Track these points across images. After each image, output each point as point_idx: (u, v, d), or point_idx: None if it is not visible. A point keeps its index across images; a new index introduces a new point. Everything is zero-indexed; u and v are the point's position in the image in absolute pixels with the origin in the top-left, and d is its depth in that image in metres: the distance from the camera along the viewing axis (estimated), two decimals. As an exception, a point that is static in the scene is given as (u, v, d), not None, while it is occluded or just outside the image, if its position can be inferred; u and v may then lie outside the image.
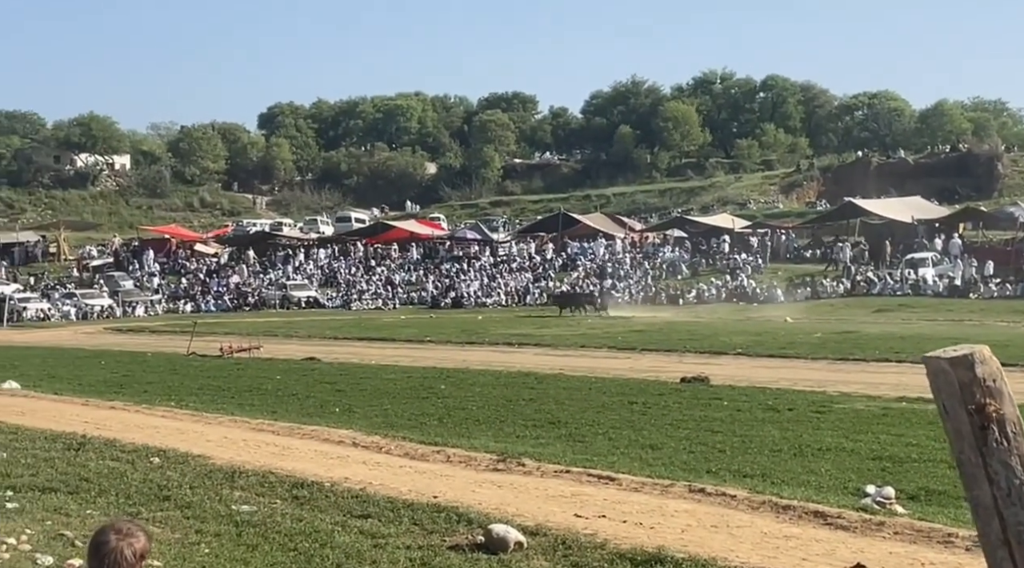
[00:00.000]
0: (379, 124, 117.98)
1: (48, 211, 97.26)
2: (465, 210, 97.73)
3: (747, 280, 58.11)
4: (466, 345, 32.91)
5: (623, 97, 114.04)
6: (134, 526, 4.32)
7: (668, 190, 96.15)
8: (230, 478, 11.46)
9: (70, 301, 60.81)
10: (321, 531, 9.13)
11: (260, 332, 37.14)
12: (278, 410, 17.54)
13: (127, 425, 15.75)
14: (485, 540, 8.56)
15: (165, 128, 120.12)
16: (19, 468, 12.28)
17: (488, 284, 64.42)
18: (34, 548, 8.78)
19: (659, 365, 24.73)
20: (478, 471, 11.84)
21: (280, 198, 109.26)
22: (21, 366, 27.29)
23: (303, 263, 72.34)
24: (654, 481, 10.83)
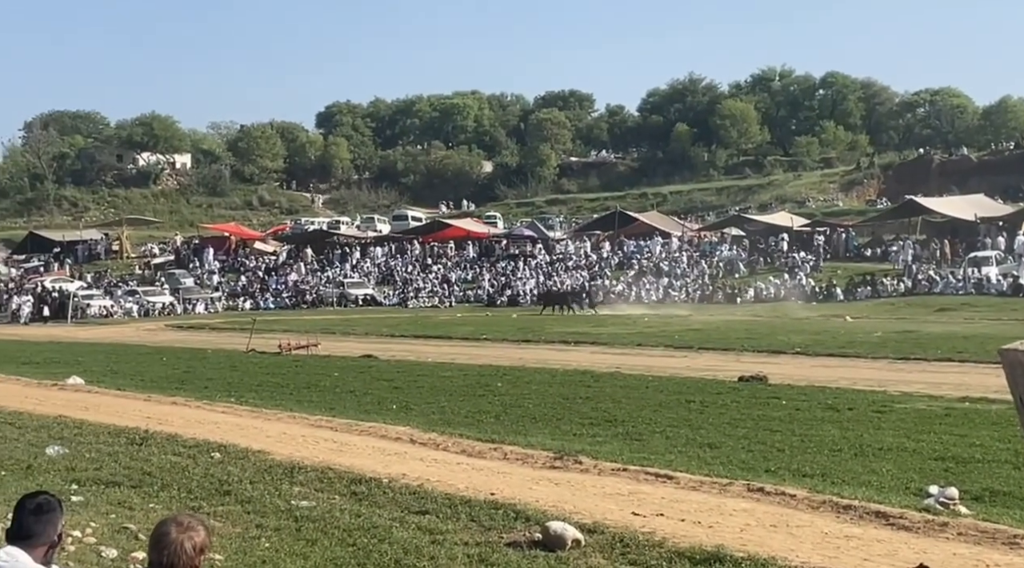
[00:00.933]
0: (436, 123, 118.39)
1: (111, 209, 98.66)
2: (521, 208, 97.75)
3: (806, 279, 57.56)
4: (522, 343, 32.89)
5: (680, 95, 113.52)
6: (195, 520, 4.37)
7: (725, 188, 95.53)
8: (289, 473, 11.55)
9: (132, 298, 61.56)
10: (379, 527, 9.18)
11: (318, 329, 37.38)
12: (336, 407, 17.64)
13: (188, 420, 15.93)
14: (543, 537, 8.55)
15: (225, 127, 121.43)
16: (83, 462, 12.46)
17: (544, 282, 64.36)
18: (99, 541, 8.90)
19: (716, 364, 24.56)
20: (535, 468, 11.83)
21: (337, 197, 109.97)
22: (85, 362, 27.70)
23: (360, 261, 72.75)
24: (712, 480, 10.76)
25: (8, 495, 10.44)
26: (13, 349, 33.83)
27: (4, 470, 12.10)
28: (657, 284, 61.27)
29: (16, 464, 12.41)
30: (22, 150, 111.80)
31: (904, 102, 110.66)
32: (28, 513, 4.65)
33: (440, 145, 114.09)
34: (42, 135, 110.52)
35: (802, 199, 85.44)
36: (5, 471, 12.06)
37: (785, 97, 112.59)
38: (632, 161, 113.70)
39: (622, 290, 61.42)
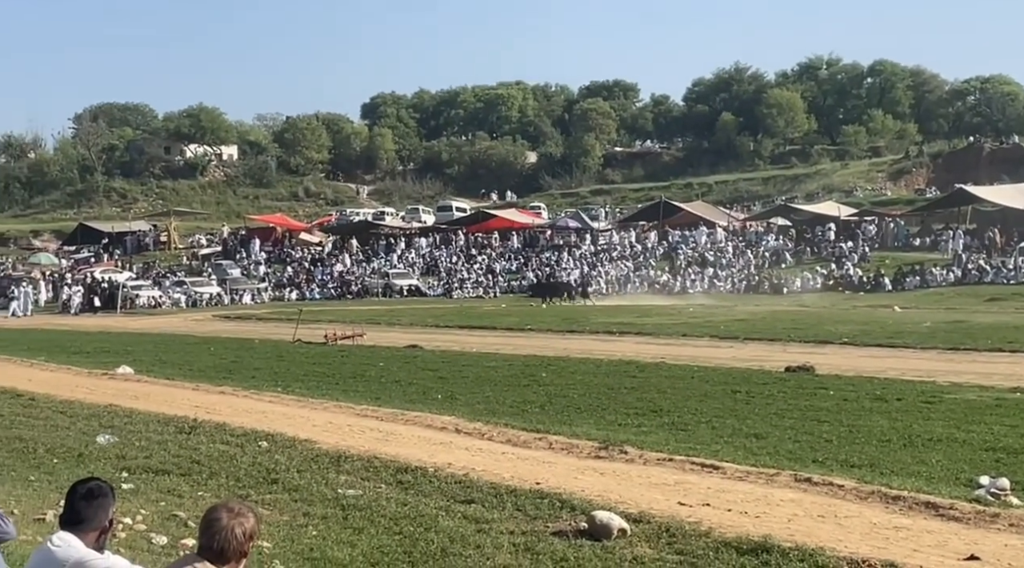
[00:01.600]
0: (480, 113, 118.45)
1: (159, 201, 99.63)
2: (565, 199, 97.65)
3: (853, 269, 57.05)
4: (566, 333, 32.83)
5: (726, 84, 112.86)
6: (245, 507, 4.42)
7: (771, 178, 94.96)
8: (336, 462, 11.63)
9: (180, 289, 62.07)
10: (425, 515, 9.22)
11: (363, 320, 37.53)
12: (381, 396, 17.71)
13: (236, 409, 16.06)
14: (588, 527, 8.55)
15: (271, 119, 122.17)
16: (133, 450, 12.62)
17: (588, 273, 64.25)
18: (149, 528, 9.01)
19: (762, 354, 24.39)
20: (580, 458, 11.83)
21: (382, 187, 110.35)
22: (134, 351, 27.98)
23: (405, 252, 72.94)
24: (759, 470, 10.71)
25: (60, 483, 10.61)
26: (64, 339, 34.26)
27: (56, 458, 12.28)
28: (702, 274, 60.97)
29: (68, 452, 12.59)
30: (72, 142, 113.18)
31: (954, 90, 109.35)
32: (80, 498, 4.72)
33: (484, 136, 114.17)
34: (92, 127, 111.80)
35: (849, 188, 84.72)
36: (57, 459, 12.23)
37: (832, 86, 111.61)
38: (677, 151, 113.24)
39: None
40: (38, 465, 11.94)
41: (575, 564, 7.82)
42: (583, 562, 7.85)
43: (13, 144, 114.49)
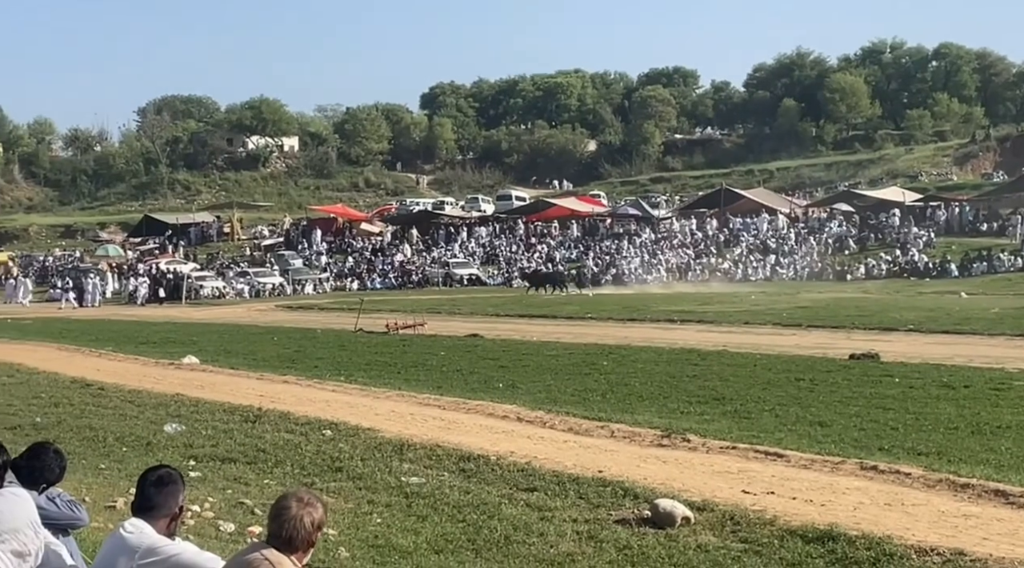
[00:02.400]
0: (539, 102, 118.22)
1: (222, 192, 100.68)
2: (625, 187, 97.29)
3: (918, 255, 56.29)
4: (627, 322, 32.72)
5: (787, 69, 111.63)
6: (314, 497, 4.47)
7: (834, 164, 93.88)
8: (399, 451, 11.70)
9: (243, 279, 62.70)
10: (488, 503, 9.25)
11: (424, 309, 37.68)
12: (443, 385, 17.77)
13: (299, 399, 16.20)
14: (652, 515, 8.54)
15: (331, 110, 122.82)
16: (200, 439, 12.79)
17: (649, 261, 64.02)
18: (216, 515, 9.14)
19: (826, 342, 24.15)
20: (643, 446, 11.80)
21: (442, 177, 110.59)
22: (199, 341, 28.33)
23: (465, 241, 73.11)
24: (824, 458, 10.62)
25: (129, 471, 10.79)
26: (131, 329, 34.76)
27: (125, 447, 12.49)
28: (764, 262, 60.50)
29: (137, 441, 12.79)
30: (137, 135, 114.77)
31: (1021, 72, 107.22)
32: (150, 485, 4.79)
33: (543, 124, 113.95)
34: (156, 120, 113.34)
35: (914, 173, 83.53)
36: (126, 448, 12.44)
37: (896, 69, 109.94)
38: (738, 137, 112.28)
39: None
40: (108, 453, 12.15)
41: (639, 552, 7.81)
42: (647, 550, 7.84)
43: (80, 138, 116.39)
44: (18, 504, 3.84)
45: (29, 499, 3.95)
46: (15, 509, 3.80)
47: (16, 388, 18.20)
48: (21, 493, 3.99)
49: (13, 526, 3.72)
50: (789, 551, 7.67)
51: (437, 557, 7.87)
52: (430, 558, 7.84)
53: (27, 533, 3.76)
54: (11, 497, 3.91)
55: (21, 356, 24.26)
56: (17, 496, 3.91)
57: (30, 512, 3.86)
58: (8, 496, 3.93)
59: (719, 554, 7.70)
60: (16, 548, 3.70)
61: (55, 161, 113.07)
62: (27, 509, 3.86)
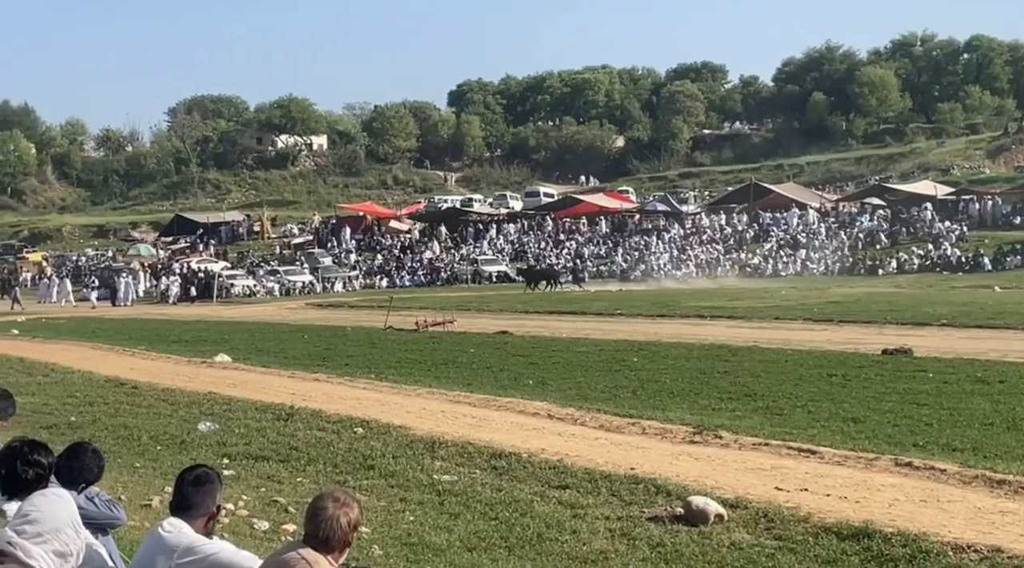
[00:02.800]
0: (567, 98, 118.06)
1: (252, 191, 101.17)
2: (654, 182, 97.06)
3: (951, 249, 55.85)
4: (657, 318, 32.63)
5: (816, 63, 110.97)
6: (350, 497, 4.49)
7: (865, 158, 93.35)
8: (430, 448, 11.73)
9: (273, 278, 62.92)
10: (521, 501, 9.26)
11: (453, 306, 37.71)
12: (473, 382, 17.79)
13: (331, 397, 16.27)
14: (684, 512, 8.53)
15: (359, 108, 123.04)
16: (233, 437, 12.87)
17: (678, 257, 63.85)
18: (251, 513, 9.19)
19: (858, 337, 24.00)
20: (674, 443, 11.78)
21: (470, 174, 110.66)
22: (231, 340, 28.46)
23: (493, 238, 73.14)
24: (857, 454, 10.57)
25: (164, 469, 10.88)
26: (163, 328, 34.98)
27: (160, 445, 12.59)
28: (794, 257, 60.22)
29: (171, 439, 12.89)
30: (168, 135, 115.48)
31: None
32: (188, 485, 4.83)
33: (571, 120, 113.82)
34: (186, 120, 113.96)
35: (946, 167, 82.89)
36: (161, 446, 12.54)
37: (927, 62, 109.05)
38: (767, 132, 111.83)
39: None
40: (143, 452, 12.25)
41: (672, 549, 7.80)
42: (680, 547, 7.83)
43: (111, 138, 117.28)
44: (59, 504, 3.88)
45: (70, 499, 3.99)
46: (56, 509, 3.84)
47: (51, 387, 18.36)
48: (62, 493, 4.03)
49: (55, 526, 3.76)
50: (824, 548, 7.64)
51: (470, 555, 7.89)
52: (463, 556, 7.86)
53: (68, 533, 3.79)
54: (52, 497, 3.95)
55: (56, 355, 24.47)
56: (59, 496, 3.95)
57: (71, 512, 3.89)
58: (50, 496, 3.97)
59: (753, 552, 7.68)
60: (58, 548, 3.74)
61: (87, 161, 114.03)
62: (68, 509, 3.89)
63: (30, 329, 35.06)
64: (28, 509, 3.83)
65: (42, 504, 3.86)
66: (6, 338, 31.17)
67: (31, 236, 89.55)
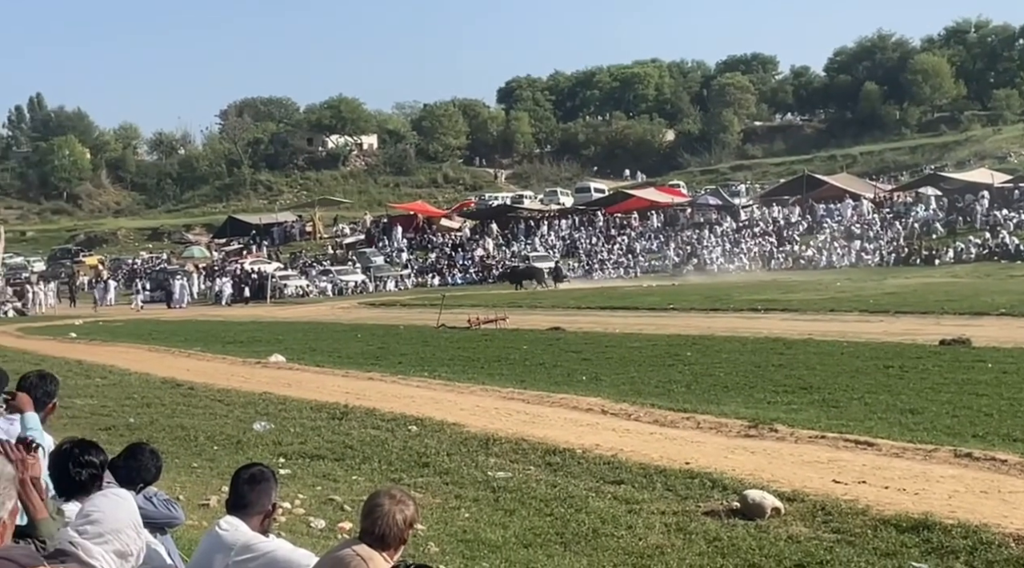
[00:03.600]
0: (616, 93, 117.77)
1: (303, 192, 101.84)
2: (705, 176, 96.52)
3: (1009, 237, 54.95)
4: (710, 312, 32.43)
5: (868, 52, 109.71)
6: (406, 494, 4.51)
7: (919, 146, 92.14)
8: (484, 445, 11.74)
9: (326, 277, 63.32)
10: (576, 497, 9.25)
11: (505, 303, 37.74)
12: (526, 379, 17.79)
13: (385, 395, 16.34)
14: (741, 506, 8.47)
15: (409, 107, 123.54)
16: (289, 436, 12.96)
17: (730, 250, 63.44)
18: (307, 512, 9.25)
19: (915, 328, 23.69)
20: (729, 437, 11.71)
21: (520, 171, 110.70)
22: (285, 340, 28.68)
23: (545, 234, 73.09)
24: (916, 446, 10.44)
25: (221, 469, 10.97)
26: (218, 329, 35.32)
27: (216, 445, 12.70)
28: (848, 248, 59.58)
29: (227, 439, 13.00)
30: (219, 137, 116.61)
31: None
32: (244, 483, 4.87)
33: (621, 115, 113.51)
34: (237, 122, 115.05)
35: (1003, 154, 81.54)
36: (217, 446, 12.65)
37: (982, 49, 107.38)
38: (819, 123, 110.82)
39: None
40: (200, 452, 12.37)
41: (729, 543, 7.75)
42: (737, 541, 7.78)
43: (164, 141, 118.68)
44: (121, 505, 3.91)
45: (131, 499, 4.02)
46: (117, 510, 3.87)
47: (109, 389, 18.60)
48: (123, 494, 4.06)
49: (116, 527, 3.79)
50: (883, 541, 7.55)
51: (526, 551, 7.88)
52: (519, 552, 7.86)
53: (129, 533, 3.82)
54: (113, 498, 3.98)
55: (113, 358, 24.79)
56: (120, 497, 3.99)
57: (132, 513, 3.93)
58: (111, 496, 4.01)
59: (811, 545, 7.61)
60: (118, 548, 3.77)
61: (141, 165, 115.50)
62: (129, 510, 3.93)
63: (87, 332, 35.56)
64: (89, 509, 3.87)
65: (103, 504, 3.90)
66: (64, 341, 31.64)
67: (87, 240, 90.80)
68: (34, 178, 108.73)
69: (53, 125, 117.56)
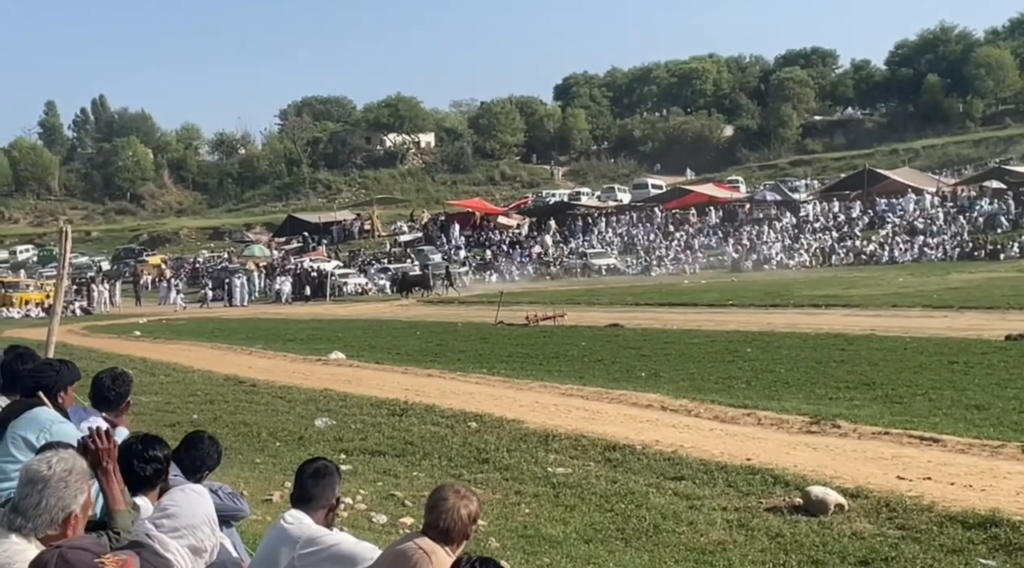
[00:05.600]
0: (673, 88, 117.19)
1: (362, 190, 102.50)
2: (764, 171, 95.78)
3: (1077, 231, 53.97)
4: (770, 308, 32.16)
5: (931, 45, 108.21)
6: (470, 490, 4.53)
7: (983, 140, 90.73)
8: (544, 441, 11.74)
9: (385, 275, 63.67)
10: (636, 492, 9.22)
11: (563, 300, 37.70)
12: (585, 375, 17.77)
13: (444, 391, 16.39)
14: (803, 502, 8.41)
15: (466, 105, 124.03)
16: (349, 433, 13.05)
17: (790, 246, 62.88)
18: (369, 507, 9.31)
19: (980, 323, 23.33)
20: (791, 433, 11.62)
21: (577, 168, 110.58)
22: (344, 338, 28.87)
23: (602, 231, 72.93)
24: (982, 442, 10.30)
25: (283, 465, 11.09)
26: (279, 327, 35.63)
27: (279, 441, 12.82)
28: (911, 243, 58.80)
29: (289, 436, 13.12)
30: (279, 137, 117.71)
31: None
32: (308, 477, 4.91)
33: (679, 111, 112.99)
34: (297, 122, 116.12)
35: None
36: (280, 442, 12.77)
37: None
38: (880, 117, 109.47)
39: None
40: (262, 448, 12.49)
41: (791, 540, 7.69)
42: (800, 537, 7.72)
43: (225, 142, 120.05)
44: (198, 501, 3.96)
45: (208, 496, 4.07)
46: (195, 506, 3.93)
47: (173, 387, 18.84)
48: (200, 490, 4.11)
49: (191, 522, 3.84)
50: (949, 537, 7.46)
51: (587, 547, 7.88)
52: (580, 547, 7.86)
53: (204, 530, 3.87)
54: (191, 493, 4.03)
55: (177, 356, 25.12)
56: (197, 493, 4.04)
57: (208, 510, 3.97)
58: (188, 492, 4.07)
59: (875, 541, 7.53)
60: (193, 544, 3.82)
61: (202, 165, 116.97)
62: (206, 506, 3.97)
63: (151, 330, 36.04)
64: (167, 503, 3.92)
65: (181, 499, 3.95)
66: (129, 339, 32.11)
67: (150, 240, 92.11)
68: (98, 179, 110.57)
69: (117, 126, 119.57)
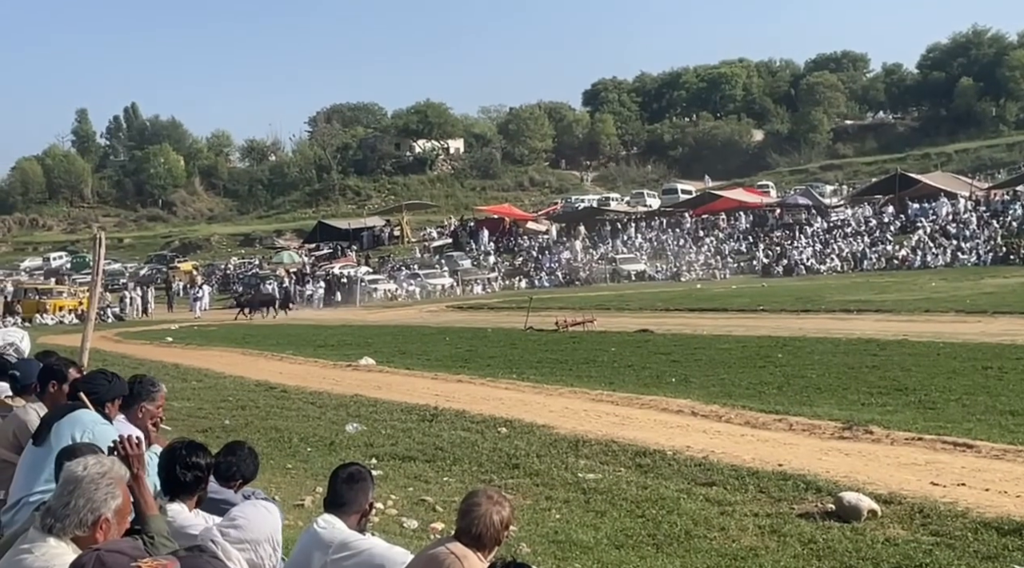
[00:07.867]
0: (703, 94, 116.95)
1: (391, 196, 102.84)
2: (794, 176, 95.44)
3: (1111, 235, 53.42)
4: (801, 313, 31.99)
5: (963, 48, 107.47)
6: (502, 496, 4.54)
7: (1017, 144, 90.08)
8: (574, 447, 11.72)
9: (414, 281, 63.86)
10: (667, 498, 9.19)
11: (592, 306, 37.63)
12: (615, 381, 17.73)
13: (474, 397, 16.40)
14: (836, 508, 8.36)
15: (495, 111, 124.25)
16: (380, 438, 13.07)
17: (821, 250, 62.57)
18: (400, 512, 9.33)
19: (1014, 328, 23.11)
20: (823, 439, 11.55)
21: (606, 173, 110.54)
22: (374, 343, 28.94)
23: (632, 237, 72.84)
24: (1017, 448, 10.20)
25: (315, 470, 11.12)
26: (309, 333, 35.76)
27: (310, 447, 12.86)
28: (944, 248, 58.38)
29: (320, 441, 13.15)
30: (309, 144, 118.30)
31: None
32: (341, 482, 4.93)
33: (708, 116, 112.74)
34: (326, 128, 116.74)
35: (1104, 150, 79.45)
36: (311, 448, 12.80)
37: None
38: (912, 121, 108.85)
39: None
40: (294, 453, 12.52)
41: (824, 546, 7.64)
42: (832, 544, 7.66)
43: (255, 148, 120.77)
44: (266, 518, 3.99)
45: (277, 515, 4.08)
46: (262, 522, 3.95)
47: (205, 392, 18.93)
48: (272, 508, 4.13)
49: (255, 537, 3.87)
50: (984, 544, 7.39)
51: (618, 552, 7.85)
52: (611, 553, 7.83)
53: (266, 548, 3.91)
54: (261, 508, 4.06)
55: (208, 361, 25.25)
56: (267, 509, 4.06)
57: (275, 529, 4.00)
58: (258, 506, 4.09)
59: (909, 548, 7.47)
60: (253, 559, 3.85)
61: (233, 172, 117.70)
62: (273, 524, 4.00)
63: (183, 336, 36.26)
64: (236, 514, 3.94)
65: (251, 513, 3.97)
66: (161, 345, 32.31)
67: (182, 246, 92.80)
68: (130, 186, 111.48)
69: (148, 134, 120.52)
